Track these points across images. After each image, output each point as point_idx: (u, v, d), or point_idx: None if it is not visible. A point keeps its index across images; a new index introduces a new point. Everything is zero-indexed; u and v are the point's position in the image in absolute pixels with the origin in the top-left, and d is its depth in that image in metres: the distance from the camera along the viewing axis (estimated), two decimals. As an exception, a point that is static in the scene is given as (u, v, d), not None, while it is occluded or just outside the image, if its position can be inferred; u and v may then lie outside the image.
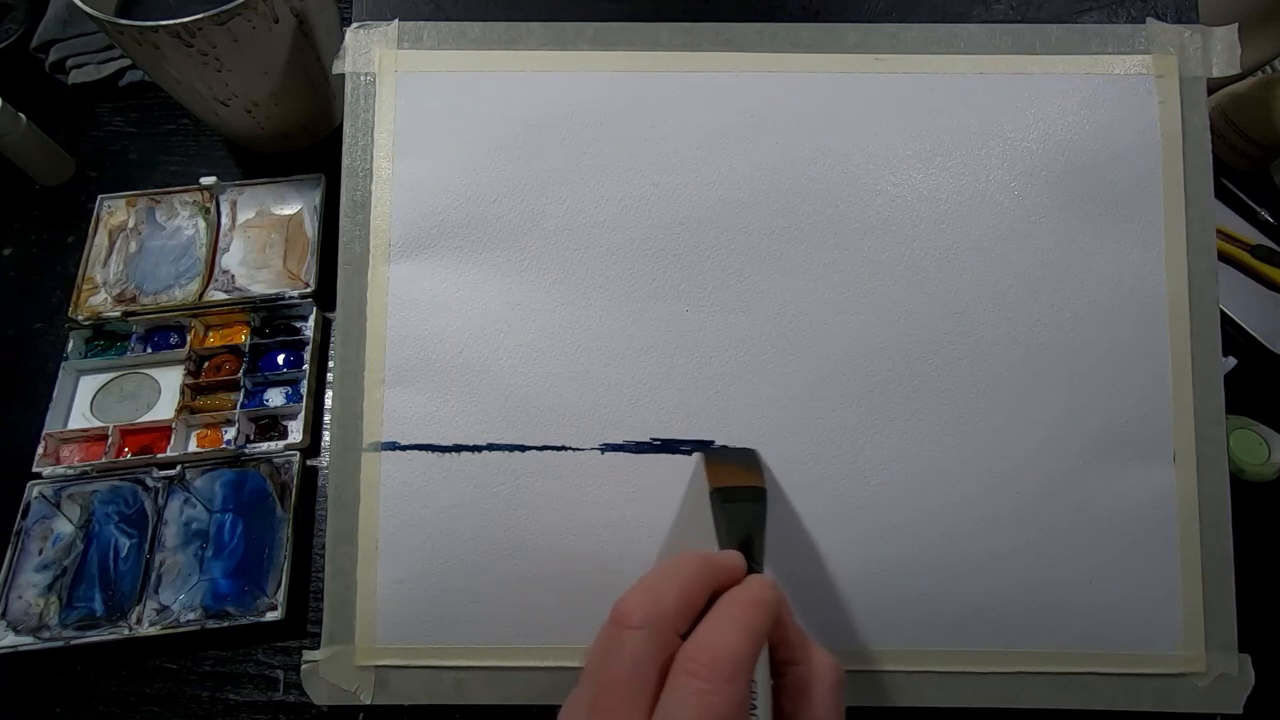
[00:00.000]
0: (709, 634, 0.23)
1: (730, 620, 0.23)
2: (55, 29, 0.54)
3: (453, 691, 0.33)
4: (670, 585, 0.24)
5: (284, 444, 0.41)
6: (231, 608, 0.37)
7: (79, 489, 0.40)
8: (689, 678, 0.21)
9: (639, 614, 0.23)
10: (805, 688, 0.24)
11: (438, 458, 0.34)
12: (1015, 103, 0.35)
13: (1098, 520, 0.33)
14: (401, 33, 0.36)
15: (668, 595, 0.23)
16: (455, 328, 0.34)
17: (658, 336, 0.34)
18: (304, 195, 0.47)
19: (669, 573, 0.24)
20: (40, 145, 0.49)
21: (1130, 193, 0.34)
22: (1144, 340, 0.34)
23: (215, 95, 0.43)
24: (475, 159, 0.35)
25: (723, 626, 0.23)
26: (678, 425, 0.34)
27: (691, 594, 0.24)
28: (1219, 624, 0.33)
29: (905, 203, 0.34)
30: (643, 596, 0.23)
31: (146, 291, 0.45)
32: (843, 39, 0.36)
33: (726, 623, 0.23)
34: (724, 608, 0.24)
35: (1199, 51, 0.35)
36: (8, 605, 0.37)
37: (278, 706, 0.36)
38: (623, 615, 0.23)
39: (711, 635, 0.23)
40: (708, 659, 0.22)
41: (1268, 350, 0.44)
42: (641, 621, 0.23)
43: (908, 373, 0.34)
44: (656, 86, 0.35)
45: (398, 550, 0.34)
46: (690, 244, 0.34)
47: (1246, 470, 0.39)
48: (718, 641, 0.22)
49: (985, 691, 0.33)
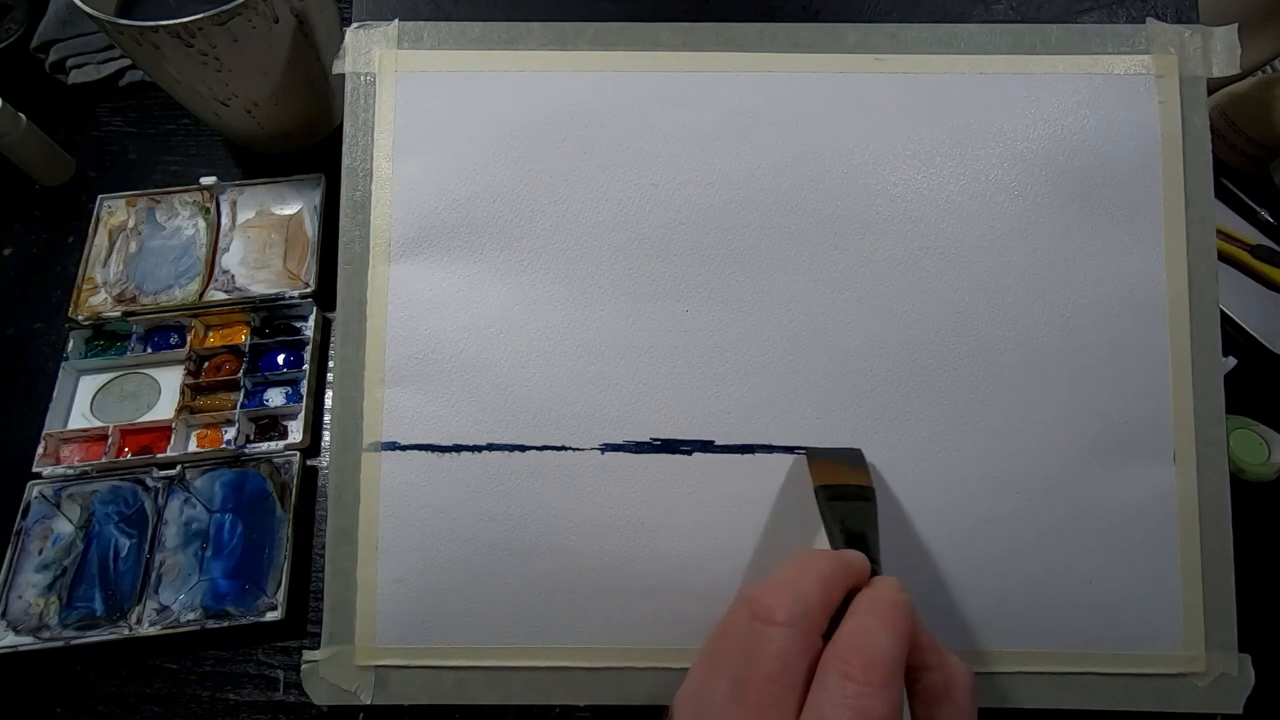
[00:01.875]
0: (860, 636, 0.22)
1: (878, 622, 0.23)
2: (55, 29, 0.54)
3: (453, 691, 0.33)
4: (810, 581, 0.23)
5: (284, 444, 0.41)
6: (231, 608, 0.37)
7: (79, 489, 0.40)
8: (844, 680, 0.21)
9: (784, 610, 0.22)
10: (943, 694, 0.24)
11: (438, 458, 0.34)
12: (1015, 103, 0.35)
13: (1098, 520, 0.33)
14: (401, 33, 0.36)
15: (811, 592, 0.23)
16: (455, 328, 0.34)
17: (658, 336, 0.34)
18: (304, 195, 0.47)
19: (804, 569, 0.24)
20: (40, 145, 0.49)
21: (1130, 193, 0.34)
22: (1144, 340, 0.34)
23: (215, 95, 0.43)
24: (475, 159, 0.35)
25: (873, 628, 0.23)
26: (678, 425, 0.34)
27: (831, 592, 0.24)
28: (1219, 624, 0.33)
29: (905, 202, 0.34)
30: (785, 593, 0.23)
31: (146, 291, 0.45)
32: (843, 39, 0.36)
33: (875, 624, 0.23)
34: (867, 609, 0.23)
35: (1199, 51, 0.35)
36: (8, 605, 0.37)
37: (278, 706, 0.36)
38: (767, 610, 0.23)
39: (863, 637, 0.22)
40: (862, 661, 0.21)
41: (1268, 350, 0.44)
42: (788, 619, 0.22)
43: (907, 372, 0.34)
44: (656, 86, 0.35)
45: (398, 550, 0.34)
46: (690, 244, 0.34)
47: (1246, 470, 0.39)
48: (870, 644, 0.22)
49: (985, 691, 0.33)
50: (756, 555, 0.33)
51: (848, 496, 0.30)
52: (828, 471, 0.31)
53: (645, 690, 0.33)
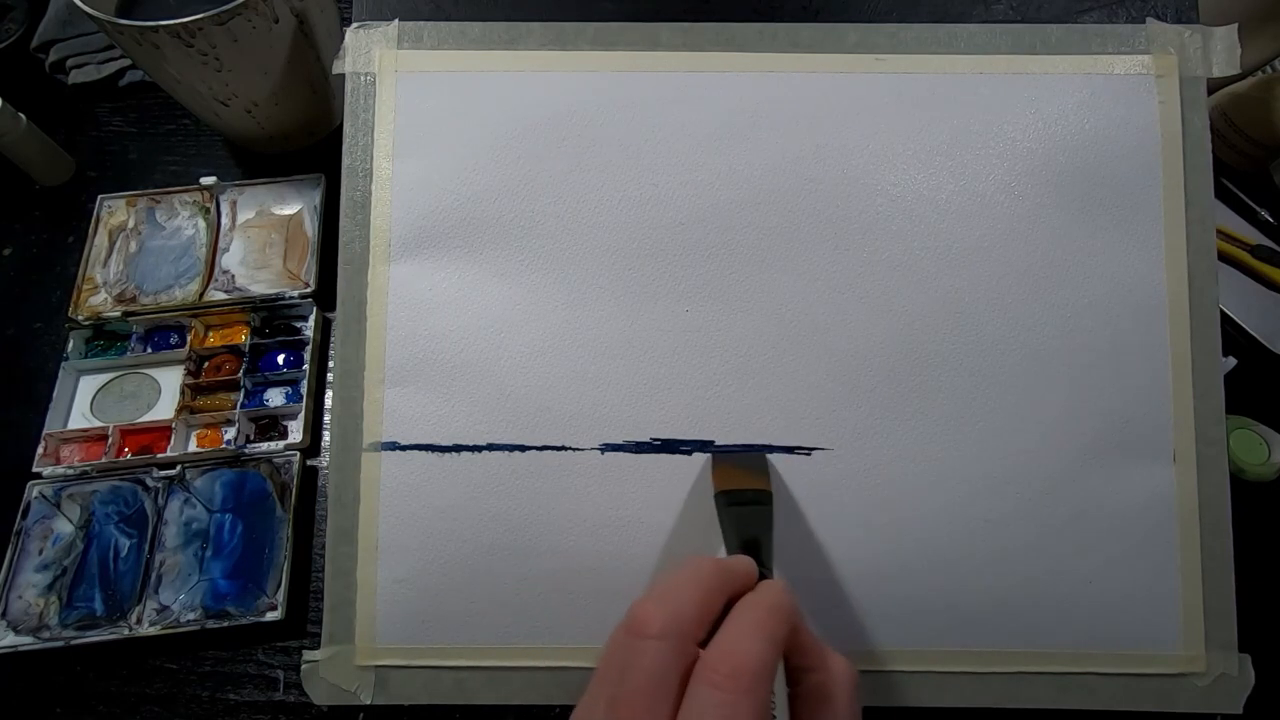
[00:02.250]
0: (729, 643, 0.22)
1: (750, 628, 0.23)
2: (55, 29, 0.54)
3: (453, 691, 0.33)
4: (688, 592, 0.23)
5: (284, 444, 0.41)
6: (231, 608, 0.37)
7: (79, 489, 0.40)
8: (711, 689, 0.21)
9: (658, 623, 0.22)
10: (824, 695, 0.24)
11: (438, 458, 0.34)
12: (1015, 103, 0.35)
13: (1098, 520, 0.33)
14: (401, 33, 0.36)
15: (686, 603, 0.23)
16: (455, 328, 0.34)
17: (658, 336, 0.34)
18: (304, 195, 0.47)
19: (685, 579, 0.24)
20: (40, 145, 0.49)
21: (1130, 193, 0.34)
22: (1144, 340, 0.34)
23: (215, 95, 0.43)
24: (475, 159, 0.35)
25: (743, 635, 0.22)
26: (678, 425, 0.34)
27: (710, 601, 0.23)
28: (1219, 624, 0.33)
29: (905, 202, 0.34)
30: (660, 605, 0.23)
31: (146, 291, 0.45)
32: (843, 39, 0.36)
33: (746, 630, 0.23)
34: (742, 615, 0.23)
35: (1199, 51, 0.35)
36: (8, 605, 0.37)
37: (278, 706, 0.36)
38: (641, 624, 0.22)
39: (732, 644, 0.22)
40: (729, 669, 0.21)
41: (1268, 350, 0.44)
42: (661, 631, 0.22)
43: (907, 372, 0.34)
44: (656, 86, 0.35)
45: (398, 550, 0.34)
46: (690, 244, 0.34)
47: (1246, 470, 0.39)
48: (739, 650, 0.22)
49: (985, 691, 0.33)
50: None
51: (745, 501, 0.30)
52: (728, 477, 0.31)
53: (645, 690, 0.33)
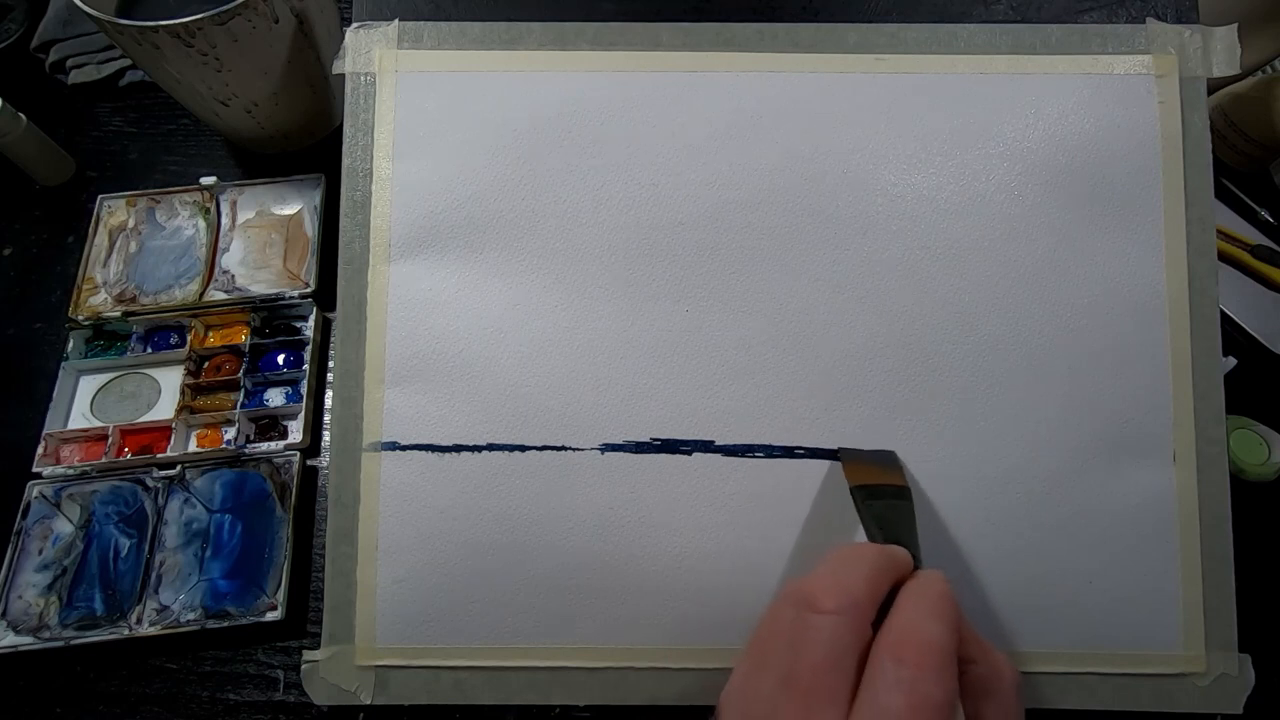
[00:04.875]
0: (911, 623, 0.22)
1: (928, 610, 0.23)
2: (55, 29, 0.54)
3: (453, 691, 0.33)
4: (858, 572, 0.23)
5: (284, 444, 0.41)
6: (231, 608, 0.37)
7: (79, 489, 0.40)
8: (899, 665, 0.21)
9: (832, 599, 0.22)
10: (988, 688, 0.23)
11: (438, 458, 0.34)
12: (1015, 103, 0.35)
13: (1098, 520, 0.33)
14: (401, 33, 0.36)
15: (857, 582, 0.23)
16: (455, 328, 0.34)
17: (658, 336, 0.34)
18: (304, 195, 0.47)
19: (852, 560, 0.24)
20: (40, 145, 0.49)
21: (1130, 193, 0.34)
22: (1144, 340, 0.34)
23: (215, 95, 0.43)
24: (475, 159, 0.35)
25: (923, 616, 0.22)
26: (678, 425, 0.34)
27: (879, 581, 0.23)
28: (1219, 624, 0.33)
29: (905, 202, 0.34)
30: (832, 583, 0.23)
31: (146, 291, 0.45)
32: (843, 39, 0.36)
33: (925, 612, 0.22)
34: (916, 599, 0.23)
35: (1199, 51, 0.35)
36: (8, 605, 0.37)
37: (278, 706, 0.36)
38: (812, 599, 0.22)
39: (915, 624, 0.22)
40: (916, 648, 0.21)
41: (1268, 350, 0.44)
42: (837, 607, 0.22)
43: (907, 372, 0.34)
44: (656, 86, 0.35)
45: (398, 550, 0.34)
46: (690, 244, 0.34)
47: (1246, 470, 0.39)
48: (923, 629, 0.22)
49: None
50: (756, 555, 0.33)
51: (884, 496, 0.30)
52: (863, 472, 0.31)
53: (645, 690, 0.33)
